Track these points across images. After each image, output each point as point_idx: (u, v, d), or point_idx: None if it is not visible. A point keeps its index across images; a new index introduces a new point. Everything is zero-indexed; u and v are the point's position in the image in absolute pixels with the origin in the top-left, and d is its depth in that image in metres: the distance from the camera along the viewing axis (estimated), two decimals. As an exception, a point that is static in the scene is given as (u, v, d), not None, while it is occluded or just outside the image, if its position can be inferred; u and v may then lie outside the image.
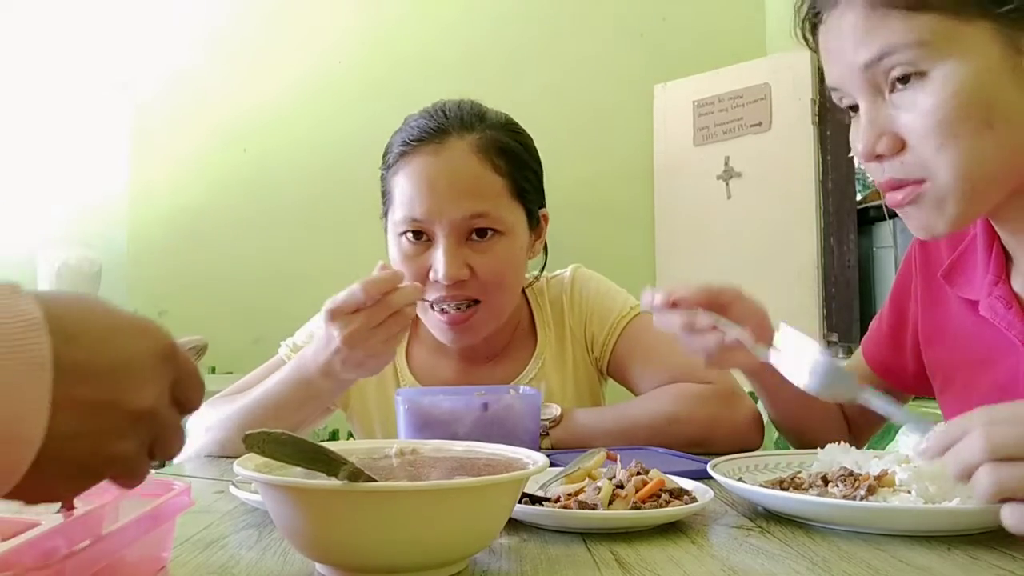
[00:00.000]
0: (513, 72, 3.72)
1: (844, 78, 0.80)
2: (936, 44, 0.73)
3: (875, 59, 0.75)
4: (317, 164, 3.80)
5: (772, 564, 0.58)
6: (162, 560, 0.57)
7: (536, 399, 0.96)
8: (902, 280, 1.05)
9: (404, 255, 1.08)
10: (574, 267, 1.27)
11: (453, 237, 1.05)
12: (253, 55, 3.83)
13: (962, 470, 0.57)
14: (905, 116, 0.75)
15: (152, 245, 3.78)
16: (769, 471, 0.83)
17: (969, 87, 0.73)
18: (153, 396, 0.42)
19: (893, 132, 0.76)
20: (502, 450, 0.66)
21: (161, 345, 0.43)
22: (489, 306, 1.09)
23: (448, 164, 1.06)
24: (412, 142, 1.08)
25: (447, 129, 1.07)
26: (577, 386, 1.20)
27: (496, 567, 0.58)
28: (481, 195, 1.06)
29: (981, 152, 0.74)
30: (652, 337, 1.16)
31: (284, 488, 0.53)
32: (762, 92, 3.24)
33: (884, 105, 0.77)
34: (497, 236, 1.08)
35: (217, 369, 3.62)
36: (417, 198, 1.06)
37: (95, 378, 0.39)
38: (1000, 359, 0.88)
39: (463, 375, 1.19)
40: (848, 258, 3.13)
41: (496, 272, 1.08)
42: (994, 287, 0.88)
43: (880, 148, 0.77)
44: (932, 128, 0.74)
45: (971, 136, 0.73)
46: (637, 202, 3.58)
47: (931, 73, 0.74)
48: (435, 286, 1.07)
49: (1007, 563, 0.57)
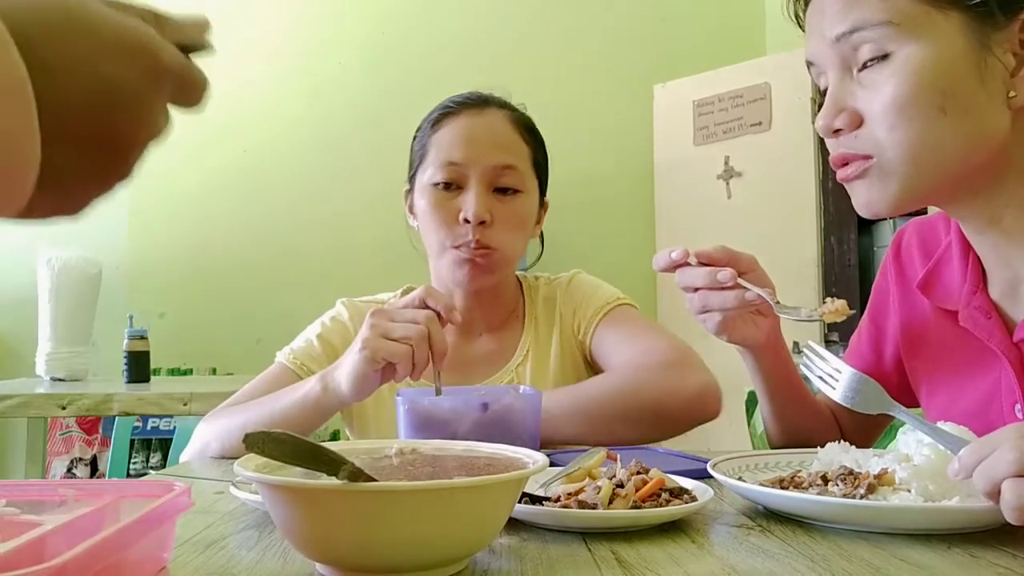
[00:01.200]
0: (513, 71, 3.72)
1: (818, 51, 0.82)
2: (904, 26, 0.75)
3: (846, 33, 0.78)
4: (317, 164, 3.80)
5: (772, 563, 0.58)
6: (162, 560, 0.57)
7: (536, 400, 0.96)
8: (879, 292, 1.05)
9: (434, 203, 1.19)
10: (575, 271, 1.33)
11: (484, 183, 1.17)
12: (253, 55, 3.83)
13: (989, 485, 0.57)
14: (867, 93, 0.78)
15: (152, 246, 3.78)
16: (769, 470, 0.83)
17: (929, 71, 0.75)
18: (150, 124, 0.39)
19: (853, 108, 0.79)
20: (502, 450, 0.66)
21: (151, 64, 0.39)
22: (501, 253, 1.19)
23: (488, 122, 1.21)
24: (456, 105, 1.23)
25: (488, 100, 1.24)
26: (563, 374, 1.23)
27: (496, 566, 0.58)
28: (512, 152, 1.20)
29: (931, 137, 0.76)
30: (631, 324, 1.22)
31: (284, 488, 0.53)
32: (762, 92, 3.24)
33: (850, 82, 0.80)
34: (517, 195, 1.20)
35: (218, 370, 3.62)
36: (457, 145, 1.18)
37: (82, 112, 0.35)
38: (982, 369, 0.88)
39: (459, 350, 1.23)
40: (848, 257, 3.13)
41: (512, 223, 1.19)
42: (972, 297, 0.88)
43: (838, 123, 0.79)
44: (888, 107, 0.76)
45: (924, 120, 0.75)
46: (637, 202, 3.58)
47: (895, 54, 0.76)
48: (462, 229, 1.16)
49: (1007, 561, 0.57)
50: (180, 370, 3.56)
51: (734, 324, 0.93)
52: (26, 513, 0.53)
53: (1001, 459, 0.56)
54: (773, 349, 0.99)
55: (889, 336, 1.03)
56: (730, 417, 1.57)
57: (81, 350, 2.69)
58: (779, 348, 1.00)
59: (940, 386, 0.94)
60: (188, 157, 3.83)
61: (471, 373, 1.22)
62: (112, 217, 3.78)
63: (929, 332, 0.95)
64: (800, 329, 0.83)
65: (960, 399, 0.90)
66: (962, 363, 0.90)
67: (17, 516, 0.52)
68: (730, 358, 1.04)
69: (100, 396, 2.21)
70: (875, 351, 1.05)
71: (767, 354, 0.98)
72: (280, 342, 1.29)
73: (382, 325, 0.95)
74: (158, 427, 3.43)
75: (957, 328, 0.89)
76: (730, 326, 0.93)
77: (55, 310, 2.65)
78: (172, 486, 0.58)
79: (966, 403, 0.88)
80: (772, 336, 0.98)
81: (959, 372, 0.91)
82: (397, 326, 0.95)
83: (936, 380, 0.94)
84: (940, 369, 0.93)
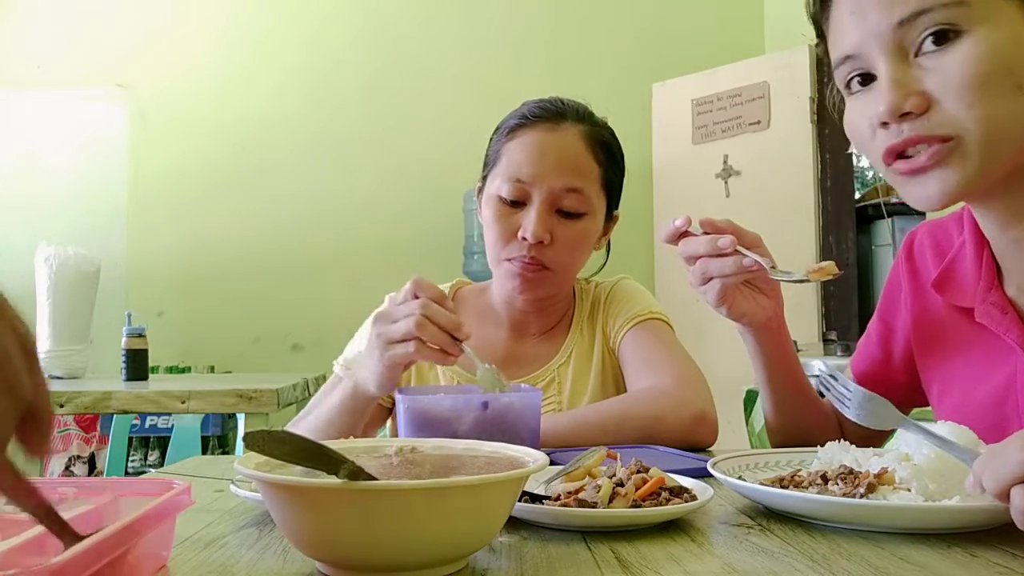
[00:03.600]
0: (512, 70, 3.72)
1: (866, 42, 0.79)
2: (975, 5, 0.74)
3: (911, 16, 0.75)
4: (315, 163, 3.80)
5: (772, 562, 0.58)
6: (162, 559, 0.57)
7: (536, 398, 0.96)
8: (889, 291, 1.06)
9: (497, 215, 1.20)
10: (621, 276, 1.37)
11: (547, 203, 1.18)
12: (253, 54, 3.83)
13: (998, 486, 0.56)
14: (934, 76, 0.75)
15: (151, 245, 3.78)
16: (769, 469, 0.83)
17: (1004, 50, 0.74)
18: None
19: (921, 90, 0.76)
20: (502, 448, 0.66)
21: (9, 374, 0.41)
22: (556, 273, 1.21)
23: (559, 140, 1.20)
24: (532, 117, 1.22)
25: (564, 114, 1.22)
26: (603, 379, 1.26)
27: (496, 565, 0.58)
28: (580, 174, 1.19)
29: (1010, 113, 0.75)
30: (651, 341, 1.24)
31: (284, 487, 0.53)
32: (761, 91, 3.24)
33: (909, 67, 0.77)
34: (581, 217, 1.20)
35: (216, 368, 3.62)
36: (526, 162, 1.18)
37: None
38: (997, 365, 0.88)
39: (509, 347, 1.29)
40: (847, 256, 3.13)
41: (571, 245, 1.20)
42: (988, 293, 0.88)
43: (908, 105, 0.76)
44: (966, 86, 0.74)
45: (1003, 96, 0.74)
46: (636, 201, 3.58)
47: (967, 34, 0.74)
48: (518, 245, 1.19)
49: (1007, 560, 0.57)
50: (178, 368, 3.56)
51: (733, 297, 0.94)
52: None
53: (1009, 460, 0.56)
54: (775, 333, 0.99)
55: (899, 335, 1.03)
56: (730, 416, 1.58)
57: (79, 348, 2.69)
58: (781, 332, 1.00)
59: (953, 383, 0.94)
60: (187, 156, 3.83)
61: (517, 371, 1.26)
62: (111, 216, 3.78)
63: (943, 330, 0.96)
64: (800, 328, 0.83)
65: (974, 394, 0.90)
66: (976, 359, 0.91)
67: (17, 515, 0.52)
68: (730, 358, 1.04)
69: (98, 394, 2.20)
70: (884, 350, 1.05)
71: (768, 336, 0.99)
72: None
73: (384, 332, 0.98)
74: (156, 425, 3.43)
75: (972, 325, 0.90)
76: (729, 297, 0.94)
77: (53, 308, 2.65)
78: (172, 484, 0.58)
79: (980, 398, 0.89)
80: (774, 319, 0.98)
81: (973, 368, 0.91)
82: (396, 326, 0.97)
83: (949, 377, 0.95)
84: (954, 366, 0.94)
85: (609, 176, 1.24)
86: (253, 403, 2.18)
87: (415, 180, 3.74)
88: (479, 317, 1.31)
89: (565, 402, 1.24)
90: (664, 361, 1.19)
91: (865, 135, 0.82)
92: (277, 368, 3.43)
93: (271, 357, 3.59)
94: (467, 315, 1.32)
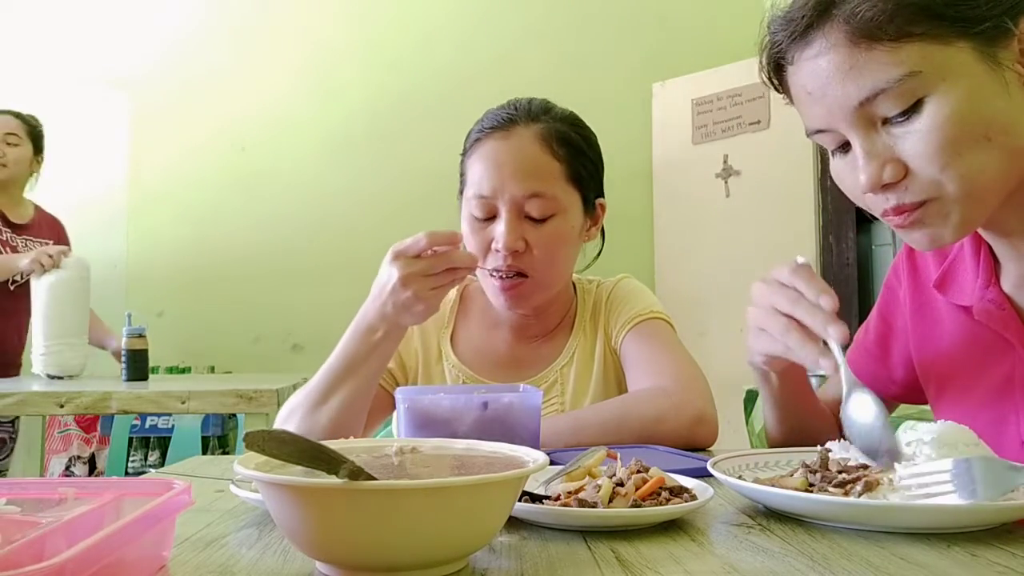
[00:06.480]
0: (511, 70, 3.72)
1: (833, 117, 0.80)
2: (928, 71, 0.74)
3: (870, 96, 0.76)
4: (316, 163, 3.80)
5: (772, 561, 0.58)
6: (162, 559, 0.57)
7: (536, 398, 0.96)
8: (889, 290, 1.06)
9: (471, 228, 1.21)
10: (622, 276, 1.37)
11: (513, 212, 1.18)
12: (252, 54, 3.83)
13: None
14: (905, 143, 0.77)
15: (151, 244, 3.78)
16: (769, 469, 0.83)
17: (965, 107, 0.74)
18: None
19: (895, 159, 0.78)
20: (502, 448, 0.66)
21: None
22: (536, 280, 1.21)
23: (513, 148, 1.19)
24: (486, 129, 1.22)
25: (515, 119, 1.21)
26: (605, 379, 1.27)
27: (496, 565, 0.58)
28: (539, 177, 1.18)
29: (983, 163, 0.76)
30: (653, 341, 1.23)
31: (284, 487, 0.53)
32: (761, 90, 3.23)
33: (879, 136, 0.78)
34: (552, 217, 1.19)
35: (217, 368, 3.62)
36: (485, 177, 1.19)
37: None
38: (996, 361, 0.89)
39: (512, 349, 1.30)
40: (847, 256, 3.13)
41: (548, 248, 1.19)
42: (985, 291, 0.90)
43: (887, 176, 0.78)
44: (936, 150, 0.75)
45: (972, 151, 0.75)
46: (636, 200, 3.58)
47: (927, 100, 0.75)
48: (495, 256, 1.19)
49: (1007, 560, 0.57)
50: (178, 368, 3.56)
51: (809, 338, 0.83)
52: (26, 511, 0.53)
53: None
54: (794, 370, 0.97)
55: (898, 333, 1.04)
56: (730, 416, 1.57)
57: (75, 342, 2.70)
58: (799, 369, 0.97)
59: (952, 380, 0.95)
60: (187, 156, 3.83)
61: (520, 373, 1.27)
62: (111, 216, 3.78)
63: (942, 329, 0.97)
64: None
65: (973, 391, 0.91)
66: (975, 357, 0.91)
67: (17, 515, 0.52)
68: (730, 358, 1.04)
69: (98, 394, 2.21)
70: (882, 347, 1.06)
71: (792, 376, 0.98)
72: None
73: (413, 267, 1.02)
74: (156, 425, 3.43)
75: (971, 323, 0.91)
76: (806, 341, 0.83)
77: (48, 306, 2.66)
78: (172, 484, 0.58)
79: (980, 395, 0.90)
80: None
81: (972, 366, 0.92)
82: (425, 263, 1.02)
83: (948, 375, 0.95)
84: (953, 364, 0.95)
85: (575, 169, 1.21)
86: (253, 403, 2.19)
87: (416, 180, 3.74)
88: (483, 318, 1.32)
89: (568, 403, 1.25)
90: (665, 361, 1.20)
91: (855, 193, 0.84)
92: (277, 368, 3.43)
93: (271, 357, 3.59)
94: (473, 315, 1.34)
